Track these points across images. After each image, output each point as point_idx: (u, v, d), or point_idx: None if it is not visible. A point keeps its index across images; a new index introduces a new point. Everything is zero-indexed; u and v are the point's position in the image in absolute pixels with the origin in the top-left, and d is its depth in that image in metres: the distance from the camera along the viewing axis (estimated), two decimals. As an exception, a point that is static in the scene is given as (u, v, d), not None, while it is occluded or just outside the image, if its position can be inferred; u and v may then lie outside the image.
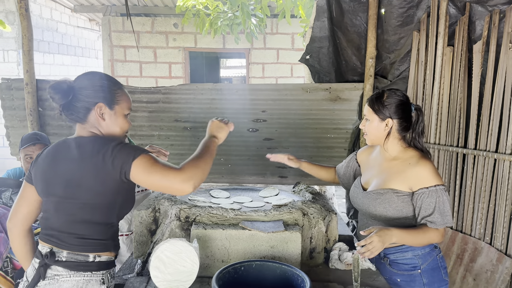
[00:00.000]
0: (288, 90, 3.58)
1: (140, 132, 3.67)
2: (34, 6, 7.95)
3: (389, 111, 1.89)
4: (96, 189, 1.52)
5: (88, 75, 1.63)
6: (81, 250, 1.54)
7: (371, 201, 1.92)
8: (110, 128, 1.62)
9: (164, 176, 1.47)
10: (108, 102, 1.59)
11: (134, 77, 7.87)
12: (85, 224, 1.55)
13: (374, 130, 1.94)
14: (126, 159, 1.49)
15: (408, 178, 1.85)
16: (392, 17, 3.24)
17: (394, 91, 1.93)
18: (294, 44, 7.80)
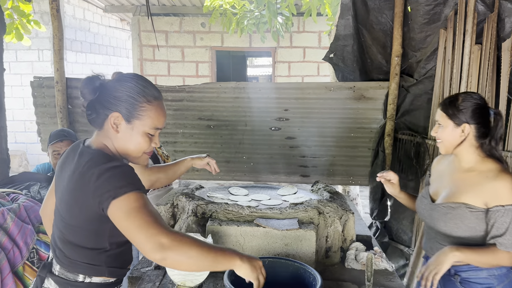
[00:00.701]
0: (311, 89, 3.57)
1: (164, 130, 3.74)
2: (67, 6, 8.21)
3: (465, 116, 1.72)
4: (77, 213, 1.34)
5: (122, 78, 1.42)
6: (70, 270, 1.39)
7: (440, 216, 1.75)
8: (123, 143, 1.40)
9: (140, 230, 1.21)
10: (127, 114, 1.37)
11: (162, 76, 8.01)
12: (72, 245, 1.38)
13: (449, 137, 1.77)
14: (107, 194, 1.24)
15: (484, 192, 1.67)
16: (419, 15, 3.18)
17: (470, 94, 1.76)
18: (321, 43, 7.75)
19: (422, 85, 3.33)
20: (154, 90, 1.43)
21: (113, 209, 1.24)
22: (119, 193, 1.23)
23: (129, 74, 1.44)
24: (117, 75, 1.44)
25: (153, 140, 1.44)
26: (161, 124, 1.44)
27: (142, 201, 1.25)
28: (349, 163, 3.67)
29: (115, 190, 1.24)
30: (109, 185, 1.25)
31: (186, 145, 3.75)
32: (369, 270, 1.56)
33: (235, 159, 3.72)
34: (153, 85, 1.45)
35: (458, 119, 1.73)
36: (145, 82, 1.43)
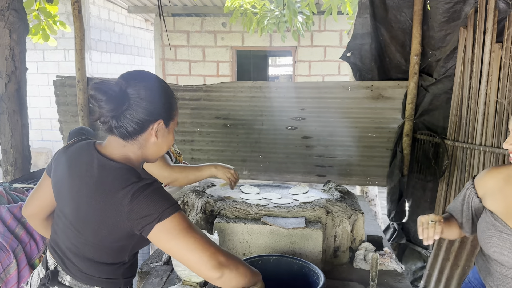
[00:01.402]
0: (328, 88, 3.55)
1: (182, 128, 3.79)
2: (93, 7, 8.40)
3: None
4: (106, 234, 1.24)
5: (149, 81, 1.29)
6: (85, 283, 1.32)
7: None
8: (159, 147, 1.34)
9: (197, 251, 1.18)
10: (167, 119, 1.31)
11: (183, 76, 8.10)
12: (90, 262, 1.30)
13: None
14: (149, 217, 1.17)
15: None
16: (438, 13, 3.12)
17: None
18: (342, 41, 7.69)
19: (441, 84, 3.27)
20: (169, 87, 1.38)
21: (158, 232, 1.18)
22: (164, 216, 1.17)
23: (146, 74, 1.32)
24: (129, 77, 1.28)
25: None
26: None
27: (188, 222, 1.21)
28: (366, 163, 3.64)
29: (159, 212, 1.17)
30: (148, 208, 1.17)
31: (203, 143, 3.78)
32: (373, 270, 1.55)
33: (251, 158, 3.74)
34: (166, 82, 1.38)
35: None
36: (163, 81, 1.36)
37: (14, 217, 2.34)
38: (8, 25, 3.08)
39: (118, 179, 1.21)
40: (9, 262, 2.24)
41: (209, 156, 3.78)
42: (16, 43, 3.14)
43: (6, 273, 2.24)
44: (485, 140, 2.94)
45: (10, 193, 2.56)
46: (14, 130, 3.20)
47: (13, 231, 2.33)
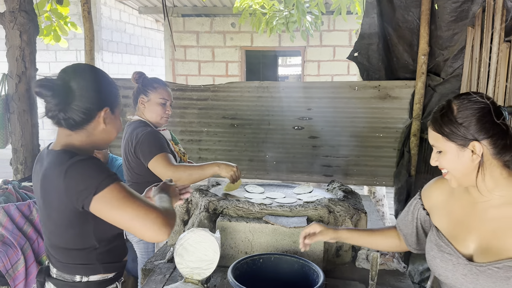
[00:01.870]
0: (335, 88, 3.54)
1: (190, 128, 3.82)
2: (104, 8, 8.49)
3: (470, 130, 1.20)
4: (56, 217, 1.32)
5: (89, 73, 1.38)
6: (66, 272, 1.39)
7: (498, 282, 1.18)
8: (108, 133, 1.41)
9: (139, 215, 1.22)
10: (112, 105, 1.40)
11: (193, 76, 8.15)
12: (61, 249, 1.37)
13: (458, 165, 1.24)
14: (85, 191, 1.22)
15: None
16: (446, 12, 3.10)
17: (466, 97, 1.24)
18: (351, 41, 7.67)
19: (449, 84, 3.24)
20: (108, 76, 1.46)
21: (97, 204, 1.22)
22: (100, 188, 1.21)
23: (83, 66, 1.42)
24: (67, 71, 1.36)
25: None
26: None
27: (126, 190, 1.25)
28: (373, 163, 3.63)
29: (94, 185, 1.22)
30: (83, 181, 1.22)
31: (210, 143, 3.81)
32: (373, 270, 1.55)
33: (258, 158, 3.75)
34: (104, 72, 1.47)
35: (461, 138, 1.21)
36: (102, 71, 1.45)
37: (23, 215, 2.39)
38: (18, 26, 3.13)
39: (54, 161, 1.29)
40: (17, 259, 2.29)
41: (216, 155, 3.80)
42: (26, 44, 3.19)
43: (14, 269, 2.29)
44: (493, 140, 2.91)
45: (19, 191, 2.61)
46: (24, 130, 3.26)
47: (21, 228, 2.38)
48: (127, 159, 2.39)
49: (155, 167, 2.20)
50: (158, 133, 2.38)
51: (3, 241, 2.30)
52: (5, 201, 2.49)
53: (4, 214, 2.33)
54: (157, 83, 2.46)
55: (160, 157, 2.20)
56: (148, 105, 2.41)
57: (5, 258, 2.23)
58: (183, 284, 1.64)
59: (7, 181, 2.78)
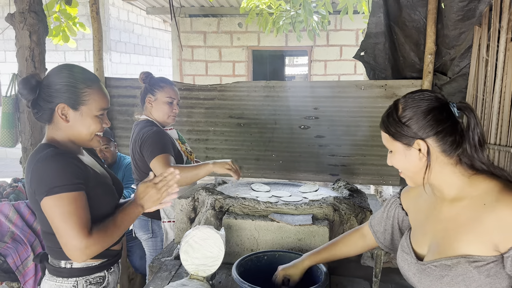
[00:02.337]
0: (341, 87, 3.55)
1: (197, 127, 3.84)
2: (112, 9, 8.56)
3: (413, 128, 1.18)
4: (33, 201, 1.44)
5: (55, 72, 1.50)
6: (54, 258, 1.51)
7: (434, 281, 1.18)
8: (75, 130, 1.48)
9: (64, 231, 1.33)
10: (72, 103, 1.46)
11: (200, 76, 8.19)
12: (45, 234, 1.49)
13: (406, 164, 1.23)
14: (40, 188, 1.36)
15: (487, 230, 1.10)
16: (452, 11, 3.09)
17: (412, 96, 1.23)
18: (358, 41, 7.66)
19: (455, 83, 3.24)
20: (90, 74, 1.53)
21: (44, 205, 1.34)
22: (51, 192, 1.33)
23: (61, 66, 1.52)
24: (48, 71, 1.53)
25: (103, 120, 1.54)
26: (106, 104, 1.53)
27: (75, 205, 1.34)
28: (380, 162, 3.62)
29: (48, 187, 1.34)
30: (41, 180, 1.35)
31: (217, 142, 3.83)
32: (377, 267, 1.56)
33: (264, 157, 3.77)
34: (87, 70, 1.55)
35: (404, 136, 1.20)
36: (79, 68, 1.52)
37: (32, 212, 2.43)
38: (28, 27, 3.18)
39: (35, 151, 1.44)
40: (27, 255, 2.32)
41: (223, 155, 3.82)
42: (36, 44, 3.24)
43: (24, 265, 2.32)
44: (500, 140, 2.90)
45: (29, 189, 2.64)
46: (33, 129, 3.30)
47: (31, 225, 2.42)
48: (134, 158, 2.42)
49: (155, 167, 2.23)
50: (163, 133, 2.41)
51: (13, 238, 2.34)
52: (15, 199, 2.53)
53: (14, 211, 2.37)
54: (164, 82, 2.48)
55: (161, 158, 2.22)
56: (155, 104, 2.44)
57: (15, 255, 2.27)
58: (189, 281, 1.66)
59: (17, 179, 2.82)
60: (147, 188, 1.54)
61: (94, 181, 1.47)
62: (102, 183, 1.54)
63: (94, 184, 1.46)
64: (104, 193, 1.53)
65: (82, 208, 1.36)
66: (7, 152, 9.33)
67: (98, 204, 1.47)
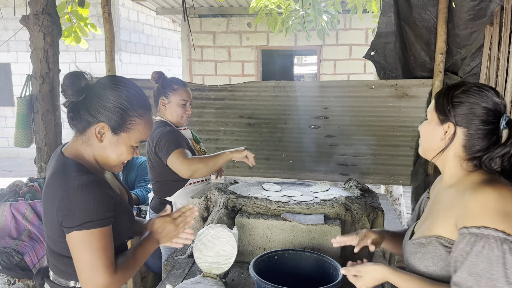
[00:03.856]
0: (352, 87, 3.55)
1: (207, 127, 3.87)
2: (122, 9, 8.62)
3: (456, 113, 1.22)
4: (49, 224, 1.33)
5: (110, 85, 1.34)
6: (61, 277, 1.40)
7: (410, 256, 1.31)
8: (105, 152, 1.36)
9: (90, 269, 1.24)
10: (114, 126, 1.33)
11: (209, 76, 8.23)
12: (56, 255, 1.37)
13: (428, 135, 1.31)
14: (70, 221, 1.23)
15: (454, 214, 1.18)
16: (463, 11, 3.08)
17: (482, 88, 1.23)
18: (367, 40, 7.65)
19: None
20: (145, 101, 1.39)
21: (72, 238, 1.24)
22: (84, 227, 1.22)
23: (119, 80, 1.37)
24: (102, 78, 1.37)
25: (136, 151, 1.41)
26: (147, 137, 1.41)
27: (103, 240, 1.25)
28: (390, 162, 3.62)
29: (81, 221, 1.22)
30: (73, 212, 1.23)
31: (227, 142, 3.85)
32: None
33: (275, 157, 3.79)
34: (144, 94, 1.40)
35: (444, 114, 1.24)
36: (136, 91, 1.37)
37: (48, 211, 2.47)
38: (42, 28, 3.23)
39: (60, 171, 1.30)
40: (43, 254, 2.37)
41: (234, 154, 3.84)
42: (49, 45, 3.29)
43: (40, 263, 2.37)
44: None
45: (44, 188, 2.69)
46: (48, 129, 3.36)
47: (47, 224, 2.46)
48: (149, 159, 2.46)
49: (172, 164, 2.26)
50: (177, 132, 2.44)
51: (30, 237, 2.39)
52: (32, 198, 2.58)
53: (31, 210, 2.42)
54: (177, 84, 2.50)
55: (177, 153, 2.26)
56: (168, 107, 2.47)
57: (32, 253, 2.32)
58: (202, 278, 1.68)
59: (33, 179, 2.88)
60: (165, 223, 1.48)
61: (119, 208, 1.36)
62: (125, 209, 1.43)
63: (119, 212, 1.36)
64: (127, 220, 1.44)
65: (110, 243, 1.28)
66: (19, 152, 9.45)
67: (120, 231, 1.39)
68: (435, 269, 1.21)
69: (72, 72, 1.31)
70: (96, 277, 1.24)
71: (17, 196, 2.60)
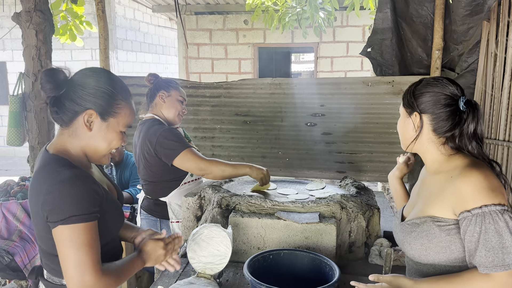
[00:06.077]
0: (348, 84, 3.52)
1: (203, 125, 3.84)
2: (118, 7, 8.57)
3: (419, 103, 1.37)
4: (36, 222, 1.32)
5: (91, 73, 1.35)
6: (54, 275, 1.39)
7: (405, 236, 1.41)
8: (95, 141, 1.34)
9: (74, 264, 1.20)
10: (102, 112, 1.32)
11: (206, 73, 8.19)
12: (47, 253, 1.36)
13: (402, 129, 1.46)
14: (55, 215, 1.21)
15: (449, 197, 1.30)
16: (460, 6, 3.06)
17: (438, 79, 1.39)
18: (364, 37, 7.62)
19: (463, 79, 3.20)
20: (125, 86, 1.41)
21: (57, 233, 1.22)
22: (68, 221, 1.20)
23: (97, 68, 1.39)
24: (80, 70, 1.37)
25: (124, 138, 1.41)
26: (132, 121, 1.41)
27: (89, 236, 1.22)
28: (387, 159, 3.60)
29: (65, 216, 1.20)
30: (58, 206, 1.21)
31: (223, 140, 3.82)
32: (387, 265, 1.55)
33: (271, 155, 3.76)
34: (123, 81, 1.42)
35: (410, 106, 1.41)
36: (117, 77, 1.40)
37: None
38: (34, 25, 3.19)
39: (45, 167, 1.28)
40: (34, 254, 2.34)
41: (230, 152, 3.82)
42: (42, 43, 3.25)
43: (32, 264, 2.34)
44: (509, 136, 2.87)
45: (37, 187, 2.65)
46: (41, 127, 3.32)
47: (39, 224, 2.42)
48: (145, 158, 2.39)
49: (184, 163, 2.24)
50: (175, 129, 2.41)
51: (21, 237, 2.36)
52: (23, 197, 2.55)
53: (22, 210, 2.39)
54: (176, 82, 2.53)
55: (188, 152, 2.25)
56: (168, 100, 2.44)
57: (23, 253, 2.28)
58: (196, 279, 1.66)
59: (25, 178, 2.84)
60: (157, 247, 1.46)
61: (106, 203, 1.34)
62: (113, 205, 1.41)
63: (106, 207, 1.34)
64: (114, 216, 1.43)
65: (96, 240, 1.26)
66: (16, 151, 9.41)
67: (108, 228, 1.38)
68: (430, 247, 1.32)
69: (48, 68, 1.32)
70: (82, 274, 1.21)
71: (8, 196, 2.57)
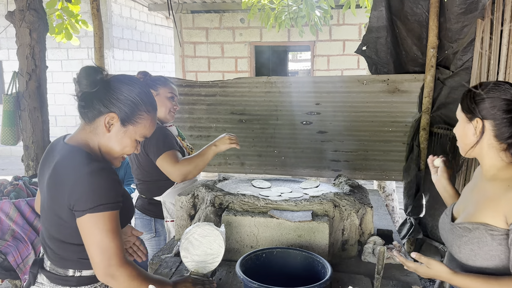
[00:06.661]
0: (343, 82, 3.52)
1: (198, 124, 3.84)
2: (114, 5, 8.54)
3: (480, 109, 1.37)
4: (58, 211, 1.36)
5: (127, 81, 1.44)
6: (61, 266, 1.43)
7: (455, 239, 1.43)
8: (110, 143, 1.43)
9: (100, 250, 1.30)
10: (124, 118, 1.41)
11: (202, 72, 8.18)
12: (59, 242, 1.40)
13: (462, 134, 1.47)
14: (83, 204, 1.29)
15: (503, 206, 1.32)
16: (455, 4, 3.06)
17: (499, 83, 1.39)
18: (361, 35, 7.61)
19: (458, 77, 3.21)
20: (154, 100, 1.50)
21: (85, 221, 1.29)
22: (96, 210, 1.29)
23: (135, 78, 1.48)
24: (119, 75, 1.46)
25: (138, 146, 1.49)
26: (150, 133, 1.49)
27: (114, 224, 1.32)
28: (382, 157, 3.60)
29: (93, 204, 1.28)
30: (87, 196, 1.29)
31: (219, 139, 3.81)
32: (380, 263, 1.55)
33: (267, 153, 3.76)
34: (152, 95, 1.51)
35: (470, 112, 1.41)
36: (147, 90, 1.48)
37: (33, 210, 2.43)
38: (27, 24, 3.17)
39: (68, 158, 1.36)
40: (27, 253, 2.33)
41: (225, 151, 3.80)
42: (36, 42, 3.23)
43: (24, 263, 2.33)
44: (503, 134, 2.87)
45: (30, 187, 2.65)
46: (35, 127, 3.30)
47: (31, 223, 2.42)
48: (137, 157, 2.40)
49: (163, 165, 2.22)
50: (166, 129, 2.40)
51: (14, 236, 2.35)
52: (16, 197, 2.54)
53: (15, 209, 2.38)
54: (164, 79, 2.50)
55: (167, 155, 2.21)
56: (157, 99, 2.42)
57: (16, 253, 2.27)
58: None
59: (18, 177, 2.83)
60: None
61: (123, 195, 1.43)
62: (126, 197, 1.49)
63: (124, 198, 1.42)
64: (128, 207, 1.52)
65: (119, 228, 1.35)
66: (12, 150, 9.37)
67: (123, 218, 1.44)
68: (480, 253, 1.35)
69: (89, 65, 1.40)
70: (109, 259, 1.30)
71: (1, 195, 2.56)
